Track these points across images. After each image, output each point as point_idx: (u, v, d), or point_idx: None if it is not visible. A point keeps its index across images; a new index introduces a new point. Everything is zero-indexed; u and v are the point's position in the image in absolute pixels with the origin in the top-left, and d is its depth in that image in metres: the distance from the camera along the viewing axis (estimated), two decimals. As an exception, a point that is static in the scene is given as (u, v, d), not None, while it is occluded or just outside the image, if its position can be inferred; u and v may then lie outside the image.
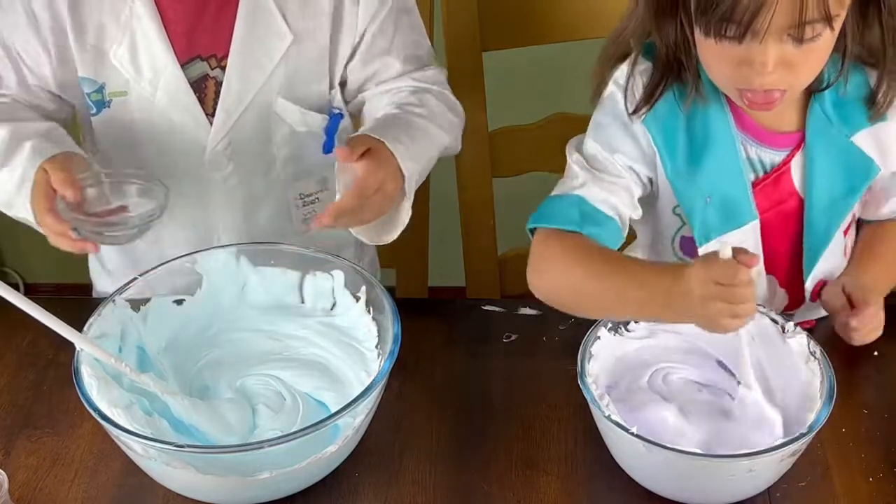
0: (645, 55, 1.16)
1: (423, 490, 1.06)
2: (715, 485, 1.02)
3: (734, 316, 0.98)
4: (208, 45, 1.25)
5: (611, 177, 1.17)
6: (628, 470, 1.06)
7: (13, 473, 1.07)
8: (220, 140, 1.27)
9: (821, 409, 1.00)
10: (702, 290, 0.98)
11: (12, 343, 1.25)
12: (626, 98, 1.17)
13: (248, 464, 1.00)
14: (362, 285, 1.16)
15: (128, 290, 1.14)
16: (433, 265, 1.71)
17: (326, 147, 1.31)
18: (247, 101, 1.26)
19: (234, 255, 1.19)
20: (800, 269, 1.22)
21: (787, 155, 1.17)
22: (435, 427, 1.13)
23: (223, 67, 1.25)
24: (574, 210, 1.14)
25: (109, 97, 1.26)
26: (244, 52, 1.24)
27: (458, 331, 1.28)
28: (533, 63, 1.84)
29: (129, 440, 0.99)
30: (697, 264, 0.99)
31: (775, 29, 1.00)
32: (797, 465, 1.03)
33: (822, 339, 1.10)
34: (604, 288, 1.08)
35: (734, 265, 0.96)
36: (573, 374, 1.05)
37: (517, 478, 1.07)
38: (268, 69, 1.25)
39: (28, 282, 2.47)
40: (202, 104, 1.26)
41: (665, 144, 1.16)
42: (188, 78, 1.25)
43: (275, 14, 1.24)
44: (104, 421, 0.98)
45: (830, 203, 1.18)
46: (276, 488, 1.03)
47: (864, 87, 1.15)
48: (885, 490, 1.05)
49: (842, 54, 1.10)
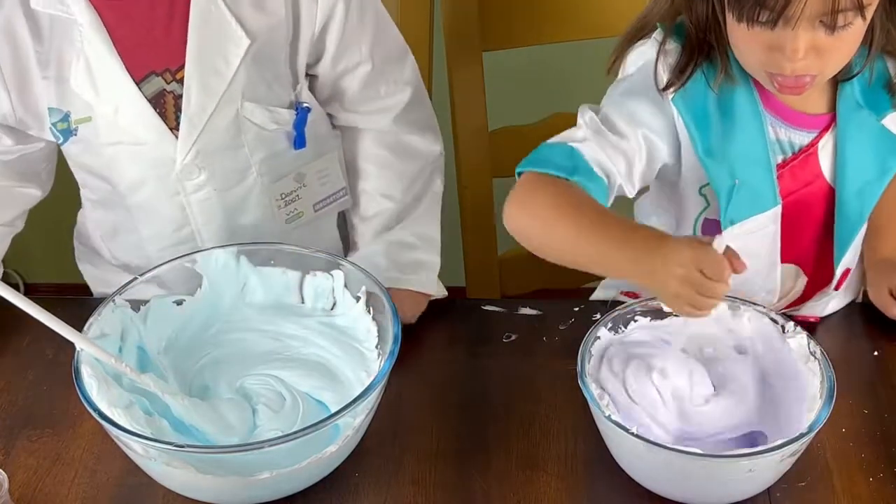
0: (672, 36, 1.16)
1: (423, 490, 1.06)
2: (715, 485, 1.02)
3: (698, 307, 0.99)
4: (161, 60, 1.23)
5: (616, 138, 1.15)
6: (628, 470, 1.06)
7: (13, 473, 1.07)
8: (188, 151, 1.25)
9: (821, 409, 1.00)
10: (682, 272, 0.98)
11: (12, 343, 1.25)
12: (656, 74, 1.16)
13: (248, 464, 1.00)
14: (362, 285, 1.16)
15: (127, 290, 1.14)
16: (433, 265, 1.71)
17: (297, 143, 1.30)
18: (210, 110, 1.24)
19: (234, 256, 1.19)
20: (824, 255, 1.23)
21: (814, 137, 1.18)
22: (435, 427, 1.13)
23: (179, 80, 1.23)
24: (566, 159, 1.13)
25: (75, 125, 1.24)
26: (201, 61, 1.22)
27: (458, 331, 1.28)
28: (533, 63, 1.84)
29: (129, 440, 0.99)
30: (685, 245, 0.99)
31: (808, 16, 1.01)
32: (797, 465, 1.03)
33: (823, 339, 1.10)
34: (581, 237, 1.07)
35: (724, 262, 0.97)
36: (573, 374, 1.05)
37: (517, 478, 1.07)
38: (227, 76, 1.23)
39: (28, 282, 2.46)
40: (164, 118, 1.24)
41: (695, 123, 1.15)
42: (146, 94, 1.22)
43: (228, 19, 1.21)
44: (104, 421, 0.98)
45: (863, 186, 1.19)
46: (275, 488, 1.03)
47: (886, 75, 1.17)
48: (885, 490, 1.05)
49: (868, 45, 1.11)
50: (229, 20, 1.21)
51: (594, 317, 1.24)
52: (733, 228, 1.17)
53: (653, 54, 1.17)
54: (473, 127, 1.56)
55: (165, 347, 1.15)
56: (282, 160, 1.32)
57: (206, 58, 1.22)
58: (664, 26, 1.17)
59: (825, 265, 1.24)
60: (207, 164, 1.27)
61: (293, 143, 1.31)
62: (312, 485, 1.06)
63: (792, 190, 1.18)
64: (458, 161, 1.58)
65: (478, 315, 1.29)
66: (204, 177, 1.28)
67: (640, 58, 1.20)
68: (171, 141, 1.25)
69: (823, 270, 1.24)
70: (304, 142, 1.31)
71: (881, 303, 1.24)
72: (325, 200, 1.34)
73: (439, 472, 1.08)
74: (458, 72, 1.53)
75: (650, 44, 1.18)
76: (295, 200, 1.33)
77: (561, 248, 1.10)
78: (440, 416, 1.15)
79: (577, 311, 1.28)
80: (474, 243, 1.66)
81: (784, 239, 1.20)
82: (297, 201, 1.33)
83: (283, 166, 1.32)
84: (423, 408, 1.16)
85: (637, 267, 1.03)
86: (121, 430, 0.98)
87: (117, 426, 0.98)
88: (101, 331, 1.09)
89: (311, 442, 0.99)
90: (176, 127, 1.24)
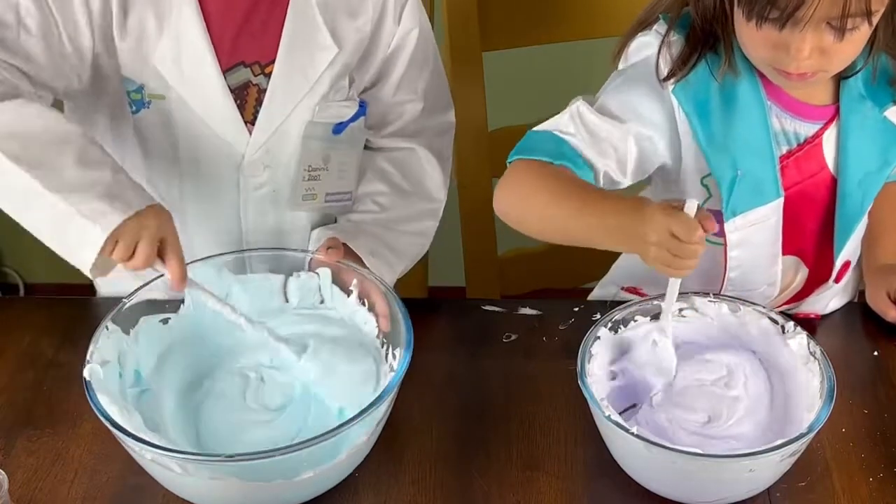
0: (676, 28, 1.17)
1: (423, 490, 1.07)
2: (715, 485, 1.02)
3: (677, 268, 1.02)
4: (253, 52, 1.24)
5: (609, 127, 1.16)
6: (628, 470, 1.06)
7: (13, 473, 1.07)
8: (258, 148, 1.26)
9: (821, 409, 1.00)
10: (656, 237, 1.00)
11: (12, 343, 1.25)
12: (657, 65, 1.17)
13: (293, 465, 0.99)
14: (354, 278, 1.16)
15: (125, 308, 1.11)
16: (433, 265, 1.71)
17: (337, 128, 1.31)
18: (288, 110, 1.25)
19: (214, 267, 1.17)
20: (826, 247, 1.23)
21: (819, 128, 1.18)
22: (435, 427, 1.13)
23: (266, 74, 1.24)
24: (553, 145, 1.15)
25: (149, 98, 1.24)
26: (290, 60, 1.24)
27: (458, 331, 1.28)
28: (533, 63, 1.84)
29: (167, 458, 0.97)
30: (658, 211, 1.01)
31: (817, 18, 1.02)
32: (797, 465, 1.03)
33: (823, 339, 1.10)
34: (560, 209, 1.10)
35: (694, 224, 0.99)
36: (573, 374, 1.05)
37: (517, 478, 1.07)
38: (312, 79, 1.25)
39: (28, 282, 2.47)
40: (241, 111, 1.25)
41: (697, 113, 1.16)
42: (230, 84, 1.23)
43: (321, 26, 1.24)
44: (151, 447, 0.97)
45: (864, 177, 1.19)
46: (313, 489, 1.04)
47: (889, 71, 1.17)
48: (885, 490, 1.05)
49: (871, 45, 1.11)
50: (321, 27, 1.23)
51: (594, 317, 1.24)
52: (735, 220, 1.17)
53: (655, 45, 1.17)
54: (473, 127, 1.57)
55: (156, 367, 1.13)
56: (318, 139, 1.31)
57: (296, 58, 1.24)
58: (667, 17, 1.17)
59: (826, 257, 1.24)
60: (273, 162, 1.28)
61: (333, 128, 1.31)
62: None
63: (796, 181, 1.19)
64: (458, 161, 1.58)
65: (478, 315, 1.30)
66: (266, 175, 1.28)
67: (641, 48, 1.20)
68: (244, 134, 1.25)
69: (824, 263, 1.25)
70: (342, 129, 1.31)
71: (880, 307, 1.24)
72: (335, 195, 1.34)
73: (439, 472, 1.08)
74: (458, 72, 1.53)
75: (652, 35, 1.19)
76: (316, 179, 1.33)
77: (540, 222, 1.13)
78: (440, 417, 1.15)
79: (577, 311, 1.28)
80: (474, 243, 1.66)
81: (786, 230, 1.20)
82: (316, 181, 1.33)
83: (316, 143, 1.32)
84: (423, 408, 1.16)
85: (616, 235, 1.06)
86: (162, 450, 0.97)
87: (157, 447, 0.97)
88: (103, 358, 1.06)
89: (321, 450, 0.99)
90: (251, 121, 1.25)
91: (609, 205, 1.08)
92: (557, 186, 1.11)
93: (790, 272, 1.27)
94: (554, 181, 1.12)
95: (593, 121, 1.16)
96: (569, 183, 1.11)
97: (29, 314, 1.29)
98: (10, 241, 2.41)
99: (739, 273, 1.22)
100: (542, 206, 1.12)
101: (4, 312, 1.31)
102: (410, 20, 1.31)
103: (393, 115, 1.36)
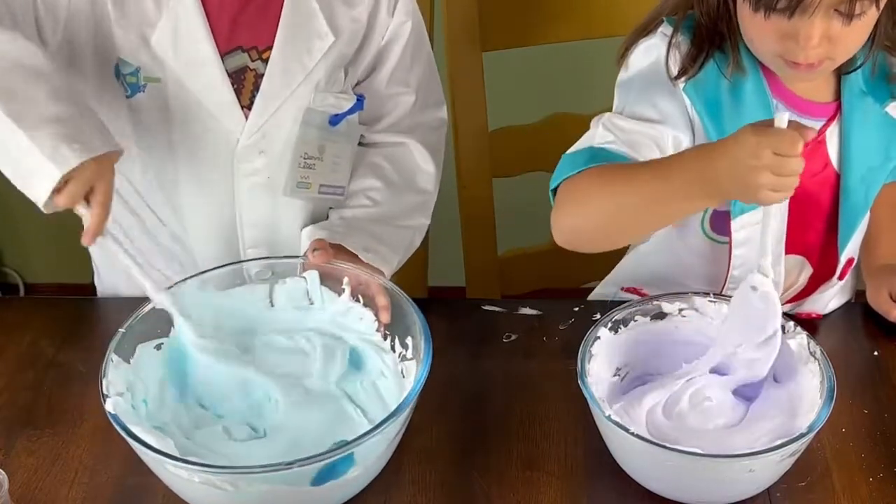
0: (682, 30, 1.17)
1: (423, 490, 1.07)
2: (715, 485, 1.02)
3: (778, 189, 0.96)
4: (251, 37, 1.25)
5: (647, 125, 1.15)
6: (628, 470, 1.06)
7: (13, 473, 1.07)
8: (254, 133, 1.26)
9: (821, 409, 1.00)
10: (753, 159, 0.94)
11: (12, 343, 1.25)
12: (667, 65, 1.17)
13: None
14: (345, 276, 1.16)
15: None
16: (433, 265, 1.71)
17: (334, 120, 1.32)
18: (284, 96, 1.26)
19: (197, 287, 1.15)
20: (830, 244, 1.23)
21: (822, 125, 1.19)
22: (435, 427, 1.13)
23: (264, 60, 1.25)
24: (595, 155, 1.12)
25: (144, 81, 1.24)
26: (287, 47, 1.25)
27: (458, 331, 1.28)
28: (533, 63, 1.84)
29: (195, 472, 0.96)
30: (748, 134, 0.96)
31: (825, 5, 1.02)
32: (797, 465, 1.03)
33: (823, 339, 1.10)
34: (635, 185, 1.06)
35: (794, 135, 0.94)
36: (573, 374, 1.05)
37: (517, 478, 1.07)
38: (308, 67, 1.26)
39: (28, 282, 2.47)
40: (238, 95, 1.25)
41: (707, 111, 1.16)
42: (227, 68, 1.24)
43: (317, 13, 1.25)
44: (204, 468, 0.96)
45: (867, 172, 1.20)
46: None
47: (887, 67, 1.18)
48: (885, 490, 1.05)
49: (871, 40, 1.12)
50: (318, 14, 1.25)
51: (594, 317, 1.24)
52: (742, 217, 1.18)
53: (660, 47, 1.18)
54: (473, 127, 1.57)
55: (158, 393, 1.11)
56: (316, 127, 1.32)
57: (293, 45, 1.25)
58: (672, 20, 1.18)
59: (830, 255, 1.24)
60: (268, 147, 1.28)
61: (330, 119, 1.32)
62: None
63: (802, 180, 1.19)
64: (458, 161, 1.58)
65: (478, 315, 1.30)
66: (261, 162, 1.29)
67: (647, 52, 1.20)
68: (239, 119, 1.26)
69: (828, 262, 1.25)
70: (338, 121, 1.32)
71: (881, 307, 1.24)
72: (328, 187, 1.35)
73: (439, 472, 1.08)
74: (458, 72, 1.53)
75: (658, 37, 1.19)
76: (311, 168, 1.33)
77: (619, 209, 1.08)
78: (440, 416, 1.15)
79: (577, 311, 1.28)
80: (474, 243, 1.66)
81: (791, 229, 1.20)
82: (311, 170, 1.33)
83: (313, 131, 1.32)
84: (424, 408, 1.15)
85: (704, 181, 1.00)
86: (195, 466, 0.95)
87: (190, 462, 0.96)
88: (117, 391, 1.03)
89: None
90: (247, 106, 1.26)
91: (680, 160, 1.03)
92: (615, 175, 1.08)
93: (794, 272, 1.27)
94: (610, 174, 1.09)
95: (628, 125, 1.15)
96: (625, 168, 1.09)
97: (29, 314, 1.29)
98: (10, 241, 2.41)
99: (742, 272, 1.22)
100: (608, 199, 1.08)
101: (4, 312, 1.31)
102: (404, 13, 1.32)
103: (386, 108, 1.36)
